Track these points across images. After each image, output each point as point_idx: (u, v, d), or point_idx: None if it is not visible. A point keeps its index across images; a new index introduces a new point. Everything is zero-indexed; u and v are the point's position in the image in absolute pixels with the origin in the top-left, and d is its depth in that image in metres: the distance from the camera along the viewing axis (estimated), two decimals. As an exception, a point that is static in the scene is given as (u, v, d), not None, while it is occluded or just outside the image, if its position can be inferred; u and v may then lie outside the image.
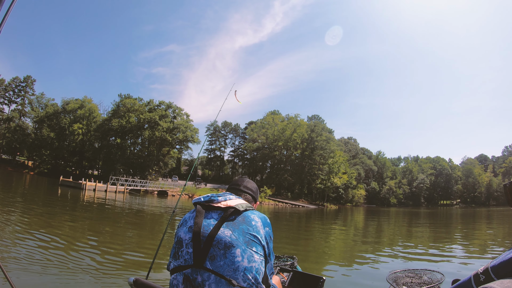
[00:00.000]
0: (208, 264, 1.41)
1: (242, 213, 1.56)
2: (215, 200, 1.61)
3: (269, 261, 1.63)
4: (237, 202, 1.61)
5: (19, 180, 48.02)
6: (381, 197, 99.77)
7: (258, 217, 1.58)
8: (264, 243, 1.53)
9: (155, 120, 66.12)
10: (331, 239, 19.33)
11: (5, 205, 18.59)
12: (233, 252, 1.41)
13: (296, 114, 79.04)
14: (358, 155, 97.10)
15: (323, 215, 45.37)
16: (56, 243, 10.08)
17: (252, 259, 1.44)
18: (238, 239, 1.44)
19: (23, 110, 79.87)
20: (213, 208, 1.59)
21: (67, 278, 6.80)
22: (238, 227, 1.48)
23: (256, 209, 1.78)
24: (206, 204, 1.61)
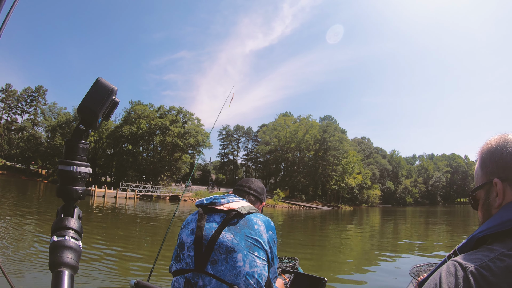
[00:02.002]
0: (210, 269, 1.40)
1: (244, 216, 1.53)
2: (218, 202, 1.58)
3: (273, 265, 1.57)
4: (240, 204, 1.57)
5: (33, 188, 48.26)
6: (397, 196, 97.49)
7: (261, 221, 1.54)
8: (266, 248, 1.49)
9: (166, 126, 65.84)
10: (348, 240, 19.09)
11: (14, 210, 19.26)
12: (235, 257, 1.40)
13: (308, 115, 77.80)
14: (372, 154, 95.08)
15: (338, 217, 44.45)
16: None
17: (254, 264, 1.42)
18: (239, 244, 1.43)
19: (35, 120, 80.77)
20: (216, 211, 1.57)
21: None
22: (240, 231, 1.46)
23: (262, 210, 1.82)
24: (209, 206, 1.59)
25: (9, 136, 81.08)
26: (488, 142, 0.93)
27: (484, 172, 0.91)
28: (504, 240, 0.72)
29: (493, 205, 0.85)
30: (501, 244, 0.71)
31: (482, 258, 0.69)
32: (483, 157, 0.92)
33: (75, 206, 0.71)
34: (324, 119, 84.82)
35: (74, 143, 0.71)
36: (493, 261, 0.67)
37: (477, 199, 0.92)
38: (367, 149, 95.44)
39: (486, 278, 0.64)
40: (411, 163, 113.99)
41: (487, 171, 0.90)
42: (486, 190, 0.89)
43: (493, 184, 0.85)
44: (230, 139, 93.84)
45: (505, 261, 0.66)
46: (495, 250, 0.70)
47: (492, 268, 0.65)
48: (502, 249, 0.69)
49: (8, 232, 11.83)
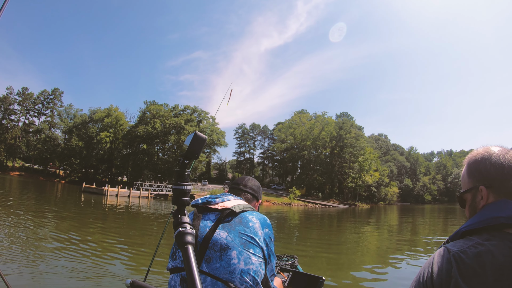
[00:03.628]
0: (204, 267, 1.40)
1: (238, 214, 1.52)
2: (212, 201, 1.58)
3: (270, 263, 1.55)
4: (235, 203, 1.57)
5: (51, 189, 48.64)
6: (415, 194, 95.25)
7: (256, 218, 1.53)
8: (262, 245, 1.48)
9: (180, 125, 65.65)
10: (365, 238, 18.73)
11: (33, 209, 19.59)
12: (229, 254, 1.39)
13: (324, 112, 76.44)
14: (389, 151, 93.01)
15: (355, 215, 43.50)
16: (62, 245, 10.47)
17: (249, 261, 1.40)
18: (234, 241, 1.42)
19: (52, 122, 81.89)
20: (210, 210, 1.56)
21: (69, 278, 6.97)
22: (234, 229, 1.45)
23: (258, 208, 1.82)
24: (204, 206, 1.58)
25: (27, 138, 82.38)
26: (474, 154, 1.14)
27: (471, 179, 1.12)
28: (480, 233, 0.99)
29: (478, 206, 1.08)
30: (478, 236, 0.98)
31: (462, 245, 0.96)
32: (469, 166, 1.13)
33: (185, 209, 1.06)
34: (340, 116, 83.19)
35: (182, 172, 1.08)
36: (469, 248, 0.93)
37: (464, 200, 1.14)
38: (384, 146, 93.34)
39: (463, 260, 0.91)
40: (429, 159, 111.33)
41: (473, 179, 1.11)
42: (473, 193, 1.10)
43: (479, 189, 1.07)
44: (246, 138, 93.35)
45: (478, 248, 0.92)
46: (473, 239, 0.96)
47: (467, 252, 0.92)
48: (478, 239, 0.95)
49: (27, 232, 11.82)
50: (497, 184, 1.05)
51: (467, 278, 0.88)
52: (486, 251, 0.90)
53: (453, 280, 0.90)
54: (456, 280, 0.89)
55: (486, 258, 0.89)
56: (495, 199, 1.04)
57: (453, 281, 0.89)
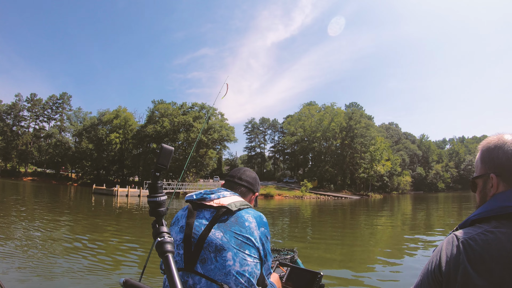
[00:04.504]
0: (199, 268, 1.38)
1: (235, 213, 1.47)
2: (208, 198, 1.53)
3: (266, 262, 1.52)
4: (231, 200, 1.52)
5: (64, 192, 48.85)
6: (428, 182, 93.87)
7: (252, 217, 1.48)
8: (258, 245, 1.45)
9: (189, 123, 65.54)
10: (380, 229, 18.55)
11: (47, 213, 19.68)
12: (224, 256, 1.37)
13: (333, 103, 75.47)
14: (400, 140, 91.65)
15: (368, 206, 42.70)
16: (68, 245, 10.50)
17: (244, 262, 1.38)
18: (229, 242, 1.39)
19: (62, 126, 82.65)
20: (205, 206, 1.52)
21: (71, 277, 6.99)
22: (229, 229, 1.42)
23: (256, 200, 1.78)
24: (198, 202, 1.54)
25: (39, 144, 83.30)
26: (489, 141, 1.13)
27: (483, 165, 1.11)
28: (489, 221, 0.99)
29: (489, 194, 1.08)
30: (487, 223, 0.98)
31: (471, 232, 0.97)
32: (483, 153, 1.13)
33: (163, 219, 1.10)
34: (350, 106, 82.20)
35: (154, 184, 1.12)
36: (478, 235, 0.94)
37: (476, 184, 1.15)
38: (396, 134, 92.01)
39: (471, 247, 0.92)
40: (442, 147, 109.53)
41: (485, 165, 1.10)
42: (484, 180, 1.10)
43: (490, 177, 1.07)
44: (256, 132, 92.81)
45: (486, 235, 0.93)
46: (482, 227, 0.97)
47: (476, 240, 0.93)
48: (486, 227, 0.96)
49: (41, 236, 11.74)
50: (507, 174, 1.04)
51: (475, 265, 0.89)
52: (495, 239, 0.91)
53: (462, 267, 0.90)
54: (464, 267, 0.90)
55: (494, 246, 0.89)
56: (505, 188, 1.04)
57: (462, 268, 0.90)
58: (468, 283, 0.88)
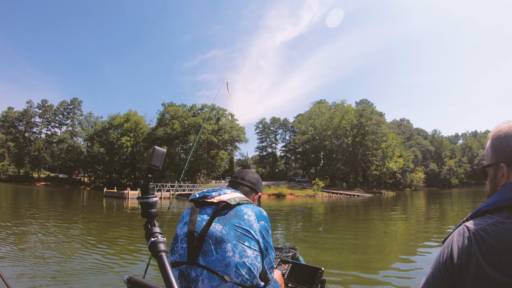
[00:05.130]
0: (201, 260, 1.42)
1: (234, 207, 1.53)
2: (209, 195, 1.59)
3: (267, 255, 1.55)
4: (231, 196, 1.58)
5: (77, 196, 49.27)
6: (442, 178, 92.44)
7: (251, 211, 1.52)
8: (258, 237, 1.48)
9: (199, 124, 65.61)
10: (393, 226, 18.23)
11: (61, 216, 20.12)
12: (224, 247, 1.40)
13: (343, 100, 74.75)
14: (412, 136, 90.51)
15: (381, 203, 41.96)
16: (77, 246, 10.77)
17: (244, 254, 1.41)
18: (228, 234, 1.43)
19: (73, 131, 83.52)
20: (207, 204, 1.58)
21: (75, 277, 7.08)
22: (229, 221, 1.47)
23: (259, 201, 1.81)
24: (201, 200, 1.60)
25: (51, 149, 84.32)
26: (499, 129, 1.10)
27: (493, 154, 1.10)
28: (501, 211, 0.98)
29: (499, 183, 1.06)
30: (498, 214, 0.97)
31: (482, 223, 0.95)
32: (493, 141, 1.11)
33: (154, 220, 1.10)
34: (360, 104, 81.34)
35: (146, 185, 1.12)
36: (489, 226, 0.93)
37: (487, 173, 1.13)
38: (407, 131, 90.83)
39: (483, 238, 0.91)
40: (454, 142, 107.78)
41: (495, 154, 1.09)
42: (495, 169, 1.09)
43: (500, 166, 1.05)
44: (267, 132, 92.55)
45: (498, 226, 0.92)
46: (493, 218, 0.96)
47: (488, 231, 0.92)
48: (498, 218, 0.95)
49: (57, 240, 11.84)
50: None
51: (487, 256, 0.88)
52: (507, 229, 0.90)
53: (474, 258, 0.90)
54: (476, 258, 0.89)
55: (506, 236, 0.89)
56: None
57: (474, 259, 0.90)
58: (481, 274, 0.87)
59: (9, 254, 9.02)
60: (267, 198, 54.17)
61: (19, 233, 12.88)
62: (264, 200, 48.67)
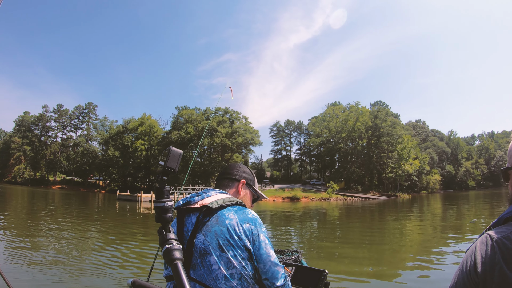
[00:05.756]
0: (192, 273, 1.38)
1: (216, 211, 1.43)
2: (192, 201, 1.50)
3: (261, 259, 1.42)
4: (214, 198, 1.48)
5: (92, 199, 49.84)
6: (458, 180, 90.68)
7: (234, 214, 1.42)
8: (244, 242, 1.37)
9: (213, 127, 65.69)
10: (409, 231, 18.15)
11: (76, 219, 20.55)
12: (208, 260, 1.35)
13: (357, 102, 74.06)
14: (428, 137, 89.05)
15: (396, 206, 41.41)
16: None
17: (230, 265, 1.34)
18: (211, 244, 1.36)
19: (88, 135, 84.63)
20: (191, 210, 1.48)
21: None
22: (210, 230, 1.39)
23: (243, 190, 1.67)
24: (185, 207, 1.50)
25: (67, 153, 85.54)
26: None
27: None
28: None
29: None
30: None
31: (505, 231, 0.92)
32: None
33: (169, 226, 1.05)
34: (375, 105, 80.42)
35: (161, 189, 1.07)
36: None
37: (508, 175, 1.09)
38: (423, 132, 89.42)
39: (506, 246, 0.88)
40: (471, 143, 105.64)
41: None
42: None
43: None
44: (281, 135, 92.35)
45: None
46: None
47: (511, 238, 0.89)
48: None
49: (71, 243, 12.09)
50: None
51: (511, 264, 0.86)
52: None
53: (498, 267, 0.87)
54: (500, 267, 0.87)
55: None
56: None
57: (498, 268, 0.87)
58: (505, 283, 0.85)
59: (16, 254, 9.30)
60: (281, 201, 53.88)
61: (28, 234, 13.20)
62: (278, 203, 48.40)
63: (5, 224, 16.22)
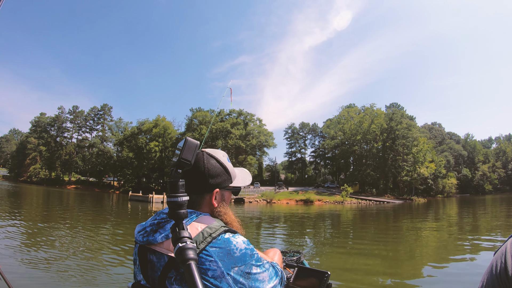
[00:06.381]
0: None
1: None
2: (153, 241, 1.16)
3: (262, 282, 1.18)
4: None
5: (107, 200, 50.50)
6: (475, 184, 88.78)
7: (216, 259, 1.07)
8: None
9: (227, 129, 65.85)
10: (424, 235, 17.90)
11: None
12: None
13: (372, 104, 73.28)
14: (444, 140, 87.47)
15: (412, 210, 40.88)
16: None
17: None
18: None
19: (104, 136, 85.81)
20: (153, 252, 1.16)
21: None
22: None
23: (217, 201, 1.27)
24: (147, 247, 1.18)
25: (83, 153, 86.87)
26: None
27: None
28: None
29: None
30: None
31: None
32: None
33: (184, 223, 0.95)
34: (390, 107, 79.50)
35: (176, 182, 0.98)
36: None
37: None
38: (439, 135, 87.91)
39: None
40: (488, 146, 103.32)
41: None
42: None
43: None
44: (296, 138, 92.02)
45: None
46: None
47: None
48: None
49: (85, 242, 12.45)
50: None
51: None
52: None
53: None
54: None
55: None
56: None
57: None
58: None
59: (20, 252, 9.65)
60: (294, 204, 53.60)
61: (35, 233, 13.62)
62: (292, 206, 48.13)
63: (15, 222, 16.64)
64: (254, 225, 21.74)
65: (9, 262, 8.18)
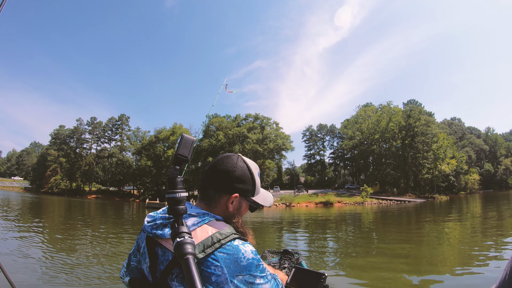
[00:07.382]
0: None
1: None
2: (162, 236, 1.14)
3: None
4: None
5: (128, 208, 51.21)
6: (498, 179, 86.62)
7: (222, 264, 1.05)
8: None
9: (243, 134, 66.10)
10: (448, 235, 17.62)
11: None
12: None
13: (389, 102, 72.52)
14: (465, 135, 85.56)
15: (434, 209, 40.11)
16: None
17: None
18: None
19: (122, 145, 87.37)
20: (161, 245, 1.15)
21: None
22: None
23: (233, 207, 1.23)
24: (155, 239, 1.17)
25: (102, 164, 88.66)
26: None
27: None
28: None
29: None
30: None
31: None
32: None
33: (182, 219, 0.99)
34: (408, 104, 78.30)
35: (174, 178, 1.01)
36: None
37: None
38: (459, 130, 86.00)
39: None
40: (509, 139, 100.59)
41: None
42: None
43: None
44: (314, 140, 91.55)
45: None
46: None
47: None
48: None
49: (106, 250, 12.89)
50: None
51: None
52: None
53: None
54: None
55: None
56: None
57: None
58: None
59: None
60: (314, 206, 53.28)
61: (53, 240, 14.25)
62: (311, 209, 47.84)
63: (37, 231, 17.19)
64: (275, 229, 21.95)
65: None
